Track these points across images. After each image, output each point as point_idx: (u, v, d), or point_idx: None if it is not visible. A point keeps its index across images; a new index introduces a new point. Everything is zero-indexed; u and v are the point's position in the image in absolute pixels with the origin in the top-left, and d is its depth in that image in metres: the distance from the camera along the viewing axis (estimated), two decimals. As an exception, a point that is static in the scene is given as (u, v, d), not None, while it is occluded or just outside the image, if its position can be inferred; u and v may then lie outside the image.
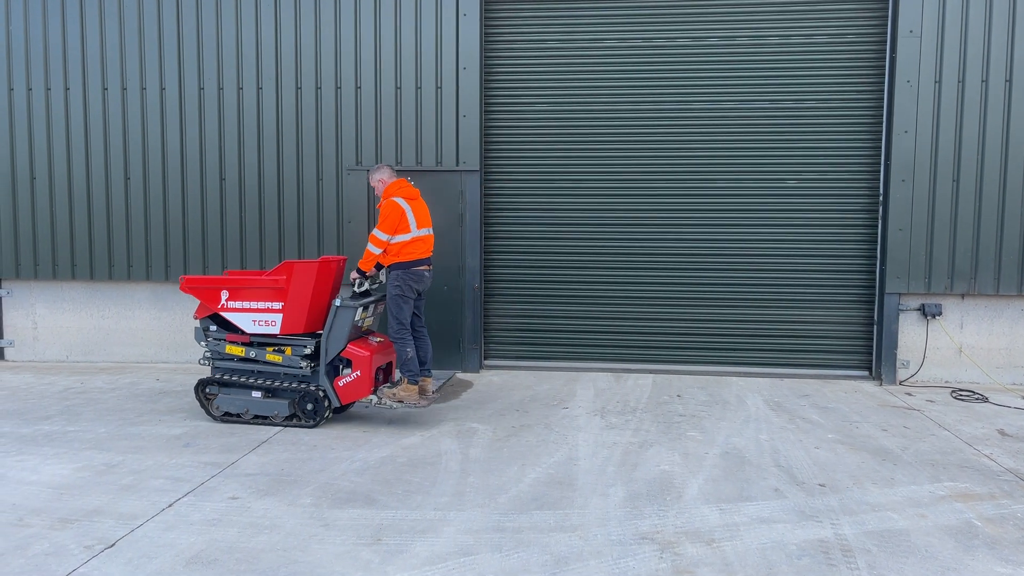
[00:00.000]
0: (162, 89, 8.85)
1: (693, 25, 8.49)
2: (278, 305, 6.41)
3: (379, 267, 6.73)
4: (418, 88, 8.56)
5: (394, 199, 6.52)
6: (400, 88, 8.59)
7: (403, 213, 6.47)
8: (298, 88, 8.70)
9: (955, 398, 7.68)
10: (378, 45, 8.59)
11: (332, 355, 6.42)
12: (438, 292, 8.66)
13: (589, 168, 8.71)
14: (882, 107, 8.32)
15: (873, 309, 8.47)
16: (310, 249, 8.74)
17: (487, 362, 8.89)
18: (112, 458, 5.69)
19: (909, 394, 7.85)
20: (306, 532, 4.43)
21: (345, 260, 7.04)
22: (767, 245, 8.55)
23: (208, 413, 6.68)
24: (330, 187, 8.71)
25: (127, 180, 8.95)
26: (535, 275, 8.86)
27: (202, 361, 6.82)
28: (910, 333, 8.37)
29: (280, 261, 8.73)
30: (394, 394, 6.47)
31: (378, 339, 6.74)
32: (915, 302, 8.33)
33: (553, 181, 8.78)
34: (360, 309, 6.44)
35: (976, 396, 7.72)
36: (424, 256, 6.64)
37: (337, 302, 6.39)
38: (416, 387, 6.51)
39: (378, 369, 6.64)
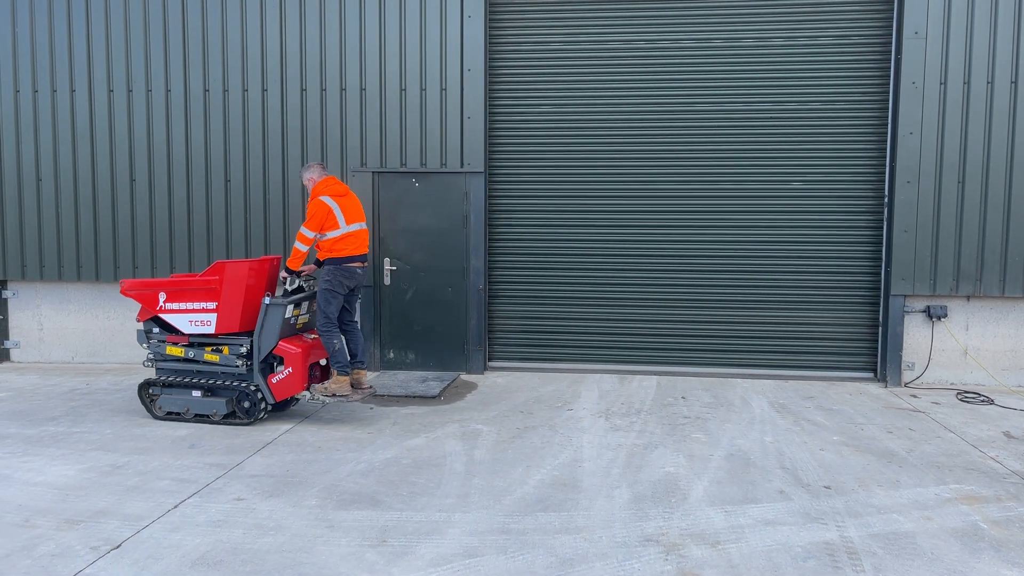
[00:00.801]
0: (167, 91, 8.88)
1: (697, 27, 8.49)
2: (212, 305, 6.51)
3: (319, 263, 6.81)
4: (423, 90, 8.57)
5: (320, 198, 6.59)
6: (405, 90, 8.60)
7: (329, 211, 6.55)
8: (303, 90, 8.71)
9: (960, 400, 7.67)
10: (383, 47, 8.60)
11: (264, 352, 6.50)
12: (442, 293, 8.67)
13: (593, 170, 8.70)
14: (887, 109, 8.31)
15: (878, 311, 8.45)
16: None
17: (491, 363, 8.89)
18: (118, 459, 5.70)
19: (914, 396, 7.83)
20: (311, 533, 4.43)
21: (280, 259, 7.12)
22: (772, 247, 8.54)
23: (151, 413, 6.77)
24: (335, 189, 8.72)
25: (132, 182, 8.97)
26: (539, 277, 8.86)
27: (145, 363, 6.93)
28: (915, 335, 8.35)
29: (284, 262, 8.77)
30: (325, 388, 6.55)
31: (313, 336, 6.81)
32: (920, 304, 8.32)
33: (558, 183, 8.78)
34: (291, 306, 6.52)
35: (982, 398, 7.70)
36: (357, 252, 6.69)
37: (267, 300, 6.48)
38: (347, 379, 6.55)
39: (316, 366, 6.74)
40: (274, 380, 6.51)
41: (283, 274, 6.70)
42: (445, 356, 8.72)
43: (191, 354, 6.65)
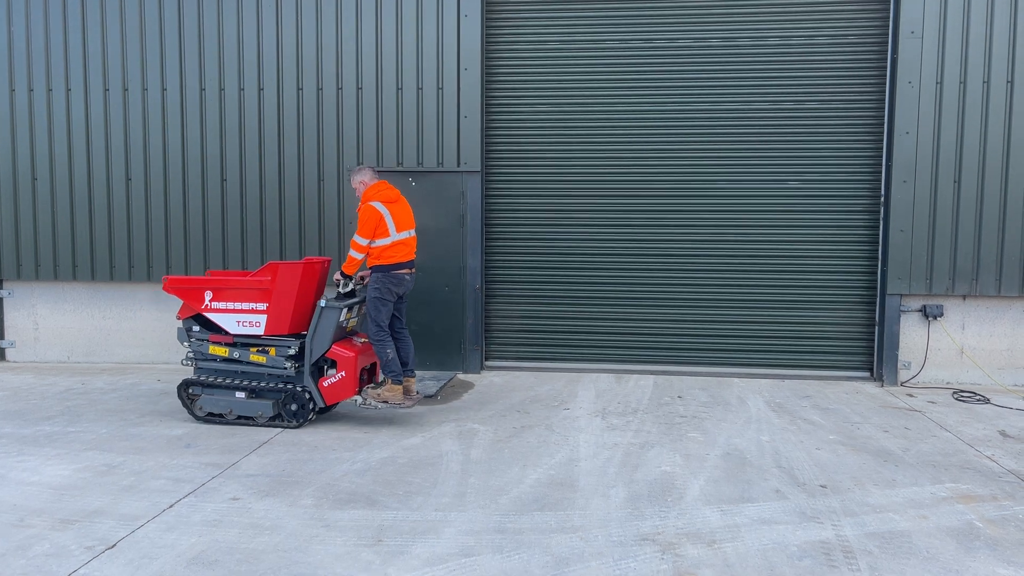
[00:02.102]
0: (163, 90, 8.86)
1: (694, 27, 8.50)
2: (262, 306, 6.39)
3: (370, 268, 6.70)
4: (419, 89, 8.57)
5: (371, 203, 6.46)
6: (401, 89, 8.59)
7: (380, 217, 6.42)
8: (299, 89, 8.70)
9: (956, 399, 7.68)
10: (379, 46, 8.59)
11: (317, 356, 6.41)
12: (439, 293, 8.66)
13: (590, 169, 8.70)
14: (883, 108, 8.31)
15: (875, 310, 8.46)
16: (311, 249, 8.74)
17: (488, 363, 8.89)
18: (113, 459, 5.69)
19: (910, 395, 7.84)
20: (307, 533, 4.43)
21: (329, 261, 7.02)
22: (768, 246, 8.55)
23: (191, 413, 6.67)
24: (331, 187, 8.71)
25: (128, 181, 8.95)
26: (536, 276, 8.85)
27: (184, 362, 6.81)
28: (911, 334, 8.36)
29: (282, 261, 8.75)
30: (378, 394, 6.47)
31: (362, 340, 6.73)
32: (916, 303, 8.33)
33: (554, 182, 8.77)
34: (345, 310, 6.43)
35: (977, 397, 7.71)
36: (406, 259, 6.58)
37: (322, 303, 6.38)
38: (400, 387, 6.50)
39: (363, 370, 6.64)
40: (325, 384, 6.40)
41: (337, 277, 6.57)
42: (442, 355, 8.71)
43: (236, 354, 6.50)
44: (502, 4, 8.69)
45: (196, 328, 6.66)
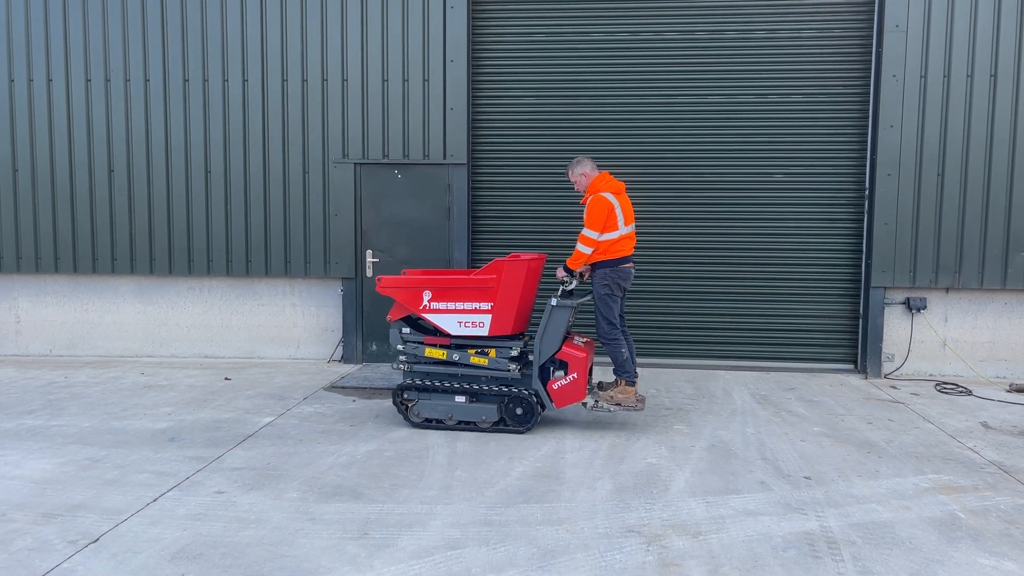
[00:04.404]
0: (146, 80, 8.77)
1: (681, 19, 8.50)
2: (487, 306, 6.08)
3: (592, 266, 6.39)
4: (405, 80, 8.53)
5: (602, 195, 6.14)
6: (387, 80, 8.55)
7: (612, 209, 6.13)
8: (284, 80, 8.64)
9: (939, 391, 7.74)
10: (365, 37, 8.54)
11: (546, 357, 6.11)
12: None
13: (577, 162, 8.69)
14: (868, 101, 8.35)
15: (859, 303, 8.51)
16: (296, 242, 8.69)
17: (474, 356, 8.86)
18: (96, 452, 5.64)
19: (894, 387, 7.90)
20: (292, 526, 4.41)
21: (546, 258, 6.69)
22: (753, 239, 8.58)
23: (406, 419, 6.37)
24: (316, 180, 8.67)
25: (111, 172, 8.87)
26: (522, 269, 8.84)
27: (395, 366, 6.45)
28: (895, 327, 8.42)
29: (265, 254, 8.72)
30: (611, 397, 6.22)
31: (584, 340, 6.49)
32: (900, 296, 8.38)
33: (541, 174, 8.76)
34: (572, 308, 6.17)
35: (960, 389, 7.78)
36: (630, 253, 6.31)
37: (553, 301, 6.09)
38: (633, 389, 6.24)
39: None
40: (555, 386, 6.09)
41: (561, 273, 6.29)
42: (428, 348, 8.68)
43: (455, 356, 6.18)
44: (488, -4, 8.67)
45: (407, 330, 6.34)
